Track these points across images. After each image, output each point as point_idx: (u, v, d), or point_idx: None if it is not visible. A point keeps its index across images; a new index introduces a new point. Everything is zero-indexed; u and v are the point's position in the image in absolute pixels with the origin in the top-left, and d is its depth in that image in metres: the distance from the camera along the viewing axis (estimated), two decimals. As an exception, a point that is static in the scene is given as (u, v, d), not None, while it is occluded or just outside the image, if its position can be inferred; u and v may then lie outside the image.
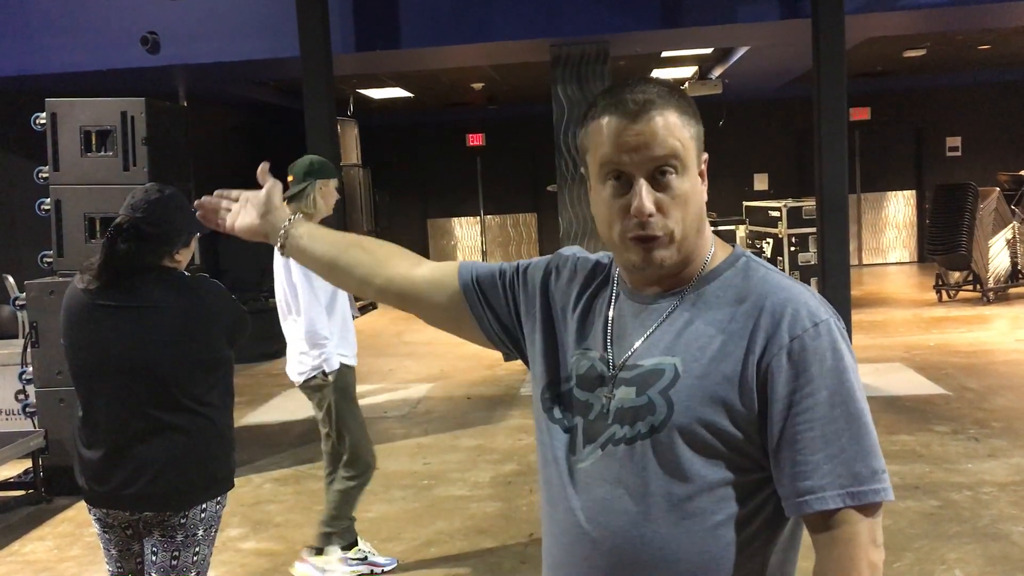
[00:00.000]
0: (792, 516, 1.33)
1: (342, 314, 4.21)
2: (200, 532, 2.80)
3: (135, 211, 2.73)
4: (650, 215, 1.32)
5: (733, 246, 1.47)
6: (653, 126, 1.32)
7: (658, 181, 1.33)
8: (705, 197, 1.40)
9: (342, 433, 4.18)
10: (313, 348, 4.06)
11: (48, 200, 5.54)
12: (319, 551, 4.19)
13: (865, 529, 1.26)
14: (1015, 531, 4.30)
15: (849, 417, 1.27)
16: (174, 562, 2.76)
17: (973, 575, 3.90)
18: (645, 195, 1.32)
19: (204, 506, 2.79)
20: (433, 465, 5.76)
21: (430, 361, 9.15)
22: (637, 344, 1.39)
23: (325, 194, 4.11)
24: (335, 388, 4.14)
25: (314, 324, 4.03)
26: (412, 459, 5.94)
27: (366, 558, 4.23)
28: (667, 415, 1.32)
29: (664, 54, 9.80)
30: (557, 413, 1.46)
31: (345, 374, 4.19)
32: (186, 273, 2.86)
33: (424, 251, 15.35)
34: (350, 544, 4.24)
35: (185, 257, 2.88)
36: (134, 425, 2.73)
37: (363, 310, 12.38)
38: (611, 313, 1.45)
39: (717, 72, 11.04)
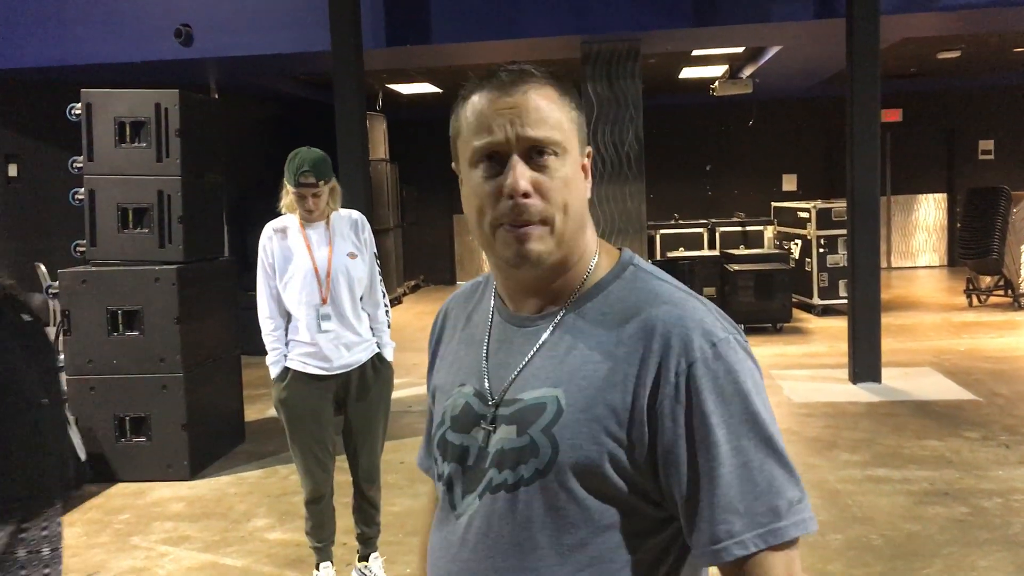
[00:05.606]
0: (707, 566, 1.18)
1: (297, 308, 3.65)
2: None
3: None
4: (525, 195, 1.16)
5: (620, 250, 1.29)
6: (528, 99, 1.17)
7: (535, 161, 1.17)
8: (588, 194, 1.24)
9: None
10: None
11: (82, 190, 5.60)
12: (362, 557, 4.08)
13: (781, 564, 1.12)
14: (1046, 540, 4.25)
15: (756, 448, 1.13)
16: None
17: (1002, 583, 3.86)
18: (520, 171, 1.16)
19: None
20: (457, 460, 5.76)
21: (455, 356, 9.15)
22: (514, 375, 1.23)
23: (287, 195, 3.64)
24: (276, 397, 3.69)
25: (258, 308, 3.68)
26: (436, 454, 5.94)
27: None
28: (552, 456, 1.15)
29: (695, 53, 9.76)
30: (437, 466, 1.31)
31: (296, 382, 3.64)
32: None
33: (450, 247, 15.37)
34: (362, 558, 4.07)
35: None
36: None
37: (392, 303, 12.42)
38: (488, 341, 1.29)
39: (748, 71, 10.97)
